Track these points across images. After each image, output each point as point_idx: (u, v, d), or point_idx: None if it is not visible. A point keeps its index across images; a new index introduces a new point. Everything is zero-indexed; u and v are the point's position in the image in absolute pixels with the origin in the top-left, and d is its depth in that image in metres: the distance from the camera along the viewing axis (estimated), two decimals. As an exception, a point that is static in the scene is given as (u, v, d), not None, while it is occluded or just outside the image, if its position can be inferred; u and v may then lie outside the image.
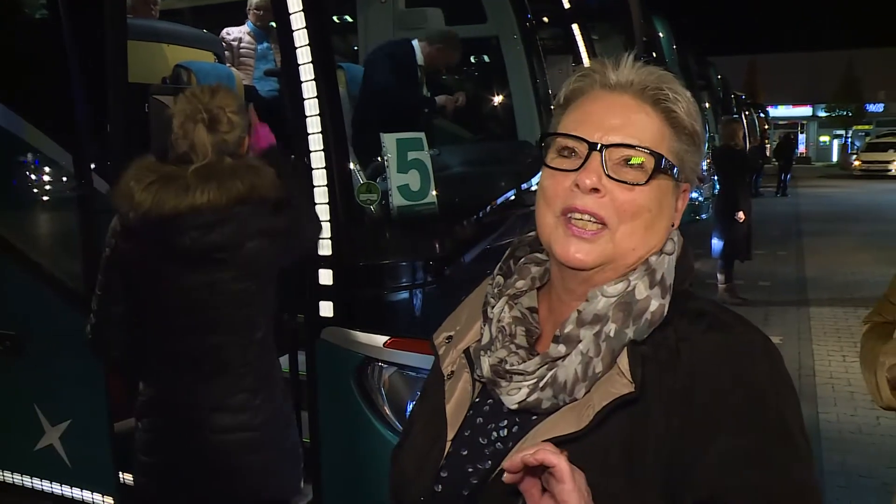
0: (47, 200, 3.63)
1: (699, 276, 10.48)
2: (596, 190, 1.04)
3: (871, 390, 1.91)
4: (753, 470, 0.93)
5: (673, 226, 1.11)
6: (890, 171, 32.97)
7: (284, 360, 3.62)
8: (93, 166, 3.29)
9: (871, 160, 34.23)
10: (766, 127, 32.61)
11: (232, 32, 5.81)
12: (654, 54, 9.13)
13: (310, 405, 3.20)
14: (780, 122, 46.37)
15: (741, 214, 8.51)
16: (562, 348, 1.04)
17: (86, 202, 3.29)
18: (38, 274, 3.57)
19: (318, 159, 3.00)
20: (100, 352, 2.60)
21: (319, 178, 3.00)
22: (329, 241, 3.03)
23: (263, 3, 5.84)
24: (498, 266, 1.22)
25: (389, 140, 3.21)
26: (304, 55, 2.97)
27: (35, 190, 3.62)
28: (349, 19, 6.59)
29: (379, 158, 3.34)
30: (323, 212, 3.01)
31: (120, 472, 3.52)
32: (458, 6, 5.99)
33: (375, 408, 2.98)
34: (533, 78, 4.87)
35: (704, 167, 12.70)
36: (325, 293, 3.07)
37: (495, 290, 1.18)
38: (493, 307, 1.16)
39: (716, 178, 9.91)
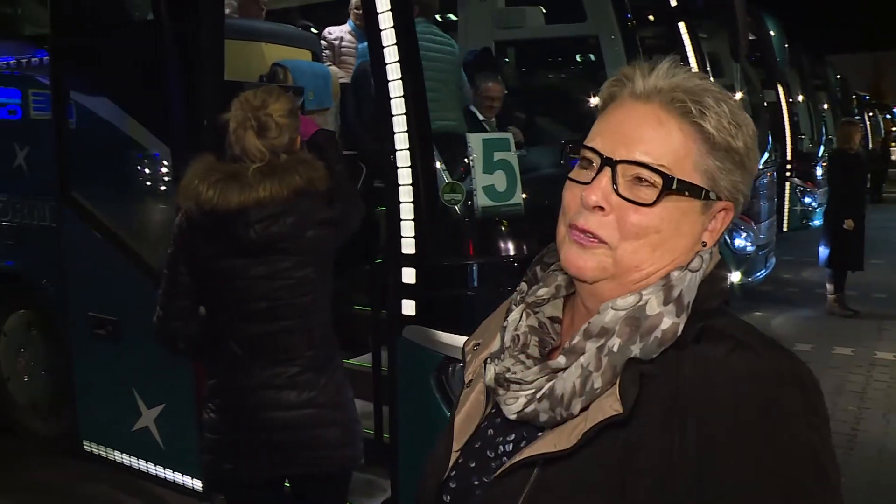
0: (147, 192, 3.80)
1: (807, 284, 10.06)
2: (601, 208, 0.99)
3: None
4: None
5: (705, 245, 1.04)
6: None
7: (367, 357, 3.69)
8: (189, 160, 3.40)
9: None
10: (893, 129, 30.89)
11: (333, 31, 5.90)
12: (760, 53, 8.81)
13: (390, 401, 3.22)
14: (909, 125, 43.83)
15: (849, 222, 8.09)
16: (562, 360, 1.00)
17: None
18: (138, 262, 3.73)
19: (403, 158, 3.01)
20: (166, 343, 2.69)
21: (405, 176, 3.01)
22: (412, 240, 3.04)
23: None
24: (525, 272, 1.18)
25: (475, 140, 3.19)
26: (390, 54, 2.98)
27: (136, 182, 3.79)
28: (453, 17, 6.60)
29: (466, 159, 3.33)
30: (407, 210, 3.03)
31: (208, 458, 3.64)
32: (558, 5, 5.93)
33: (454, 407, 2.97)
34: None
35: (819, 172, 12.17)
36: (408, 291, 3.09)
37: (517, 297, 1.14)
38: (511, 314, 1.12)
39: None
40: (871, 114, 24.42)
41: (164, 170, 3.60)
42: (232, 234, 2.45)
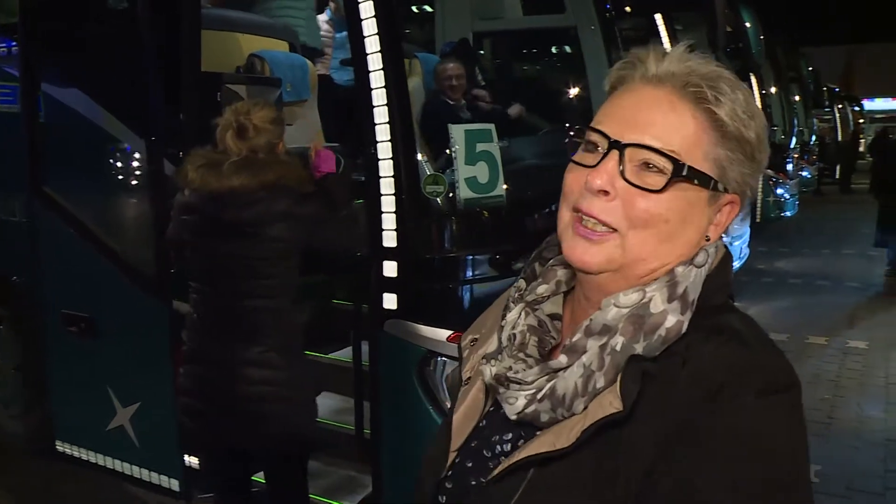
0: (122, 186, 3.71)
1: (781, 274, 10.16)
2: (606, 192, 0.95)
3: None
4: None
5: (708, 240, 1.01)
6: None
7: (347, 352, 3.64)
8: (165, 152, 3.34)
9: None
10: (861, 121, 31.28)
11: (310, 21, 5.83)
12: (741, 45, 8.84)
13: (371, 396, 3.19)
14: (878, 116, 44.39)
15: None
16: (564, 359, 0.97)
17: (158, 188, 3.35)
18: (113, 258, 3.65)
19: (384, 150, 2.97)
20: None
21: (386, 168, 2.97)
22: (394, 233, 3.00)
23: (344, -6, 5.84)
24: (523, 268, 1.14)
25: (457, 131, 3.15)
26: (372, 44, 2.93)
27: (110, 176, 3.70)
28: (428, 9, 6.56)
29: (447, 150, 3.29)
30: (388, 203, 2.99)
31: (185, 456, 3.58)
32: (537, -5, 5.91)
33: (437, 402, 2.95)
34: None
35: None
36: (390, 285, 3.04)
37: (516, 295, 1.11)
38: (510, 312, 1.08)
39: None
40: (840, 106, 24.69)
41: (138, 163, 3.52)
42: (209, 214, 2.78)
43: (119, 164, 3.63)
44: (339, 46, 5.94)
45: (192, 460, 3.60)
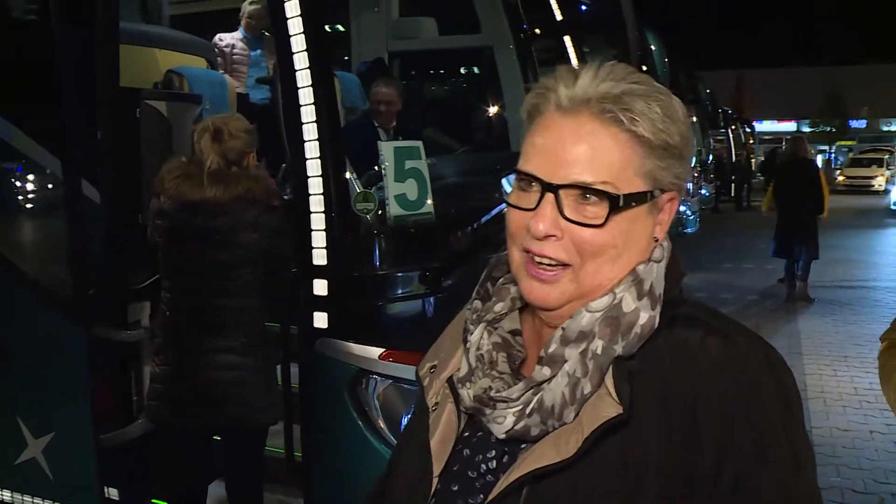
0: (35, 206, 3.55)
1: (689, 289, 10.44)
2: (552, 235, 0.97)
3: (891, 405, 1.93)
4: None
5: (657, 239, 1.04)
6: (873, 186, 33.20)
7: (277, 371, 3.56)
8: (82, 171, 3.21)
9: (854, 175, 34.47)
10: (752, 141, 32.77)
11: (225, 38, 5.74)
12: (646, 67, 9.16)
13: (302, 418, 3.13)
14: (766, 137, 46.62)
15: None
16: (546, 371, 0.98)
17: (75, 208, 3.21)
18: (23, 281, 3.48)
19: (313, 167, 2.94)
20: None
21: (315, 186, 2.94)
22: (324, 251, 2.96)
23: (255, 13, 5.78)
24: (475, 290, 1.14)
25: (387, 148, 3.15)
26: (301, 60, 2.91)
27: (23, 196, 3.54)
28: (341, 28, 6.54)
29: (376, 167, 3.28)
30: (318, 221, 2.96)
31: (105, 487, 3.43)
32: (452, 16, 5.97)
33: (370, 421, 2.91)
34: (527, 88, 4.80)
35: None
36: (320, 304, 3.00)
37: (473, 316, 1.11)
38: (471, 334, 1.09)
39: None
40: (733, 127, 25.81)
41: (53, 183, 3.37)
42: (181, 221, 3.04)
43: (33, 184, 3.48)
44: (254, 65, 5.87)
45: (111, 492, 3.45)
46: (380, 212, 3.13)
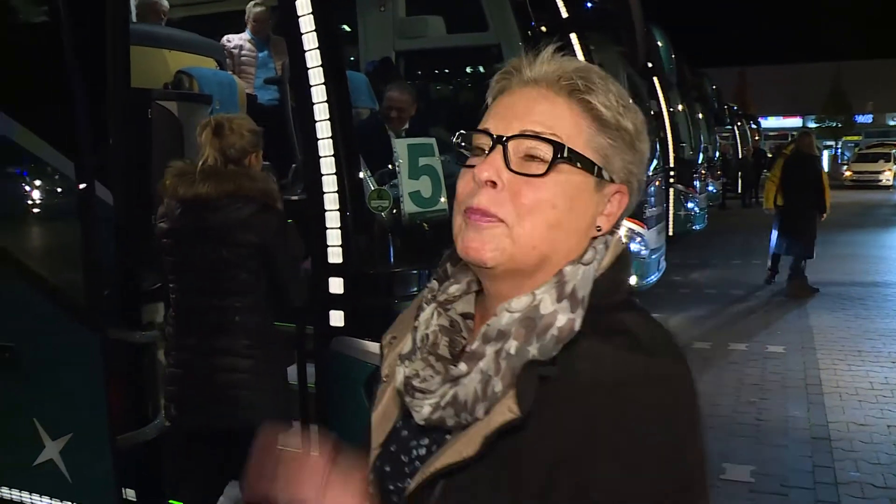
0: (48, 209, 3.54)
1: (697, 285, 10.47)
2: (493, 183, 0.97)
3: None
4: None
5: (600, 230, 1.02)
6: (880, 181, 33.14)
7: (293, 371, 3.56)
8: (94, 173, 3.20)
9: (861, 170, 34.39)
10: (757, 138, 32.71)
11: (233, 40, 5.74)
12: (651, 64, 9.15)
13: (319, 417, 3.12)
14: (771, 133, 46.53)
15: None
16: (463, 367, 0.97)
17: (87, 210, 3.21)
18: (35, 283, 3.47)
19: (327, 165, 2.93)
20: None
21: (329, 184, 2.93)
22: (339, 249, 2.95)
23: (259, 15, 5.78)
24: (435, 270, 1.14)
25: (401, 146, 3.15)
26: (313, 59, 2.90)
27: (35, 198, 3.54)
28: (348, 28, 6.53)
29: (389, 166, 3.27)
30: (333, 219, 2.95)
31: (122, 488, 3.42)
32: (460, 15, 5.96)
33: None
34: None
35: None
36: (336, 302, 3.00)
37: (429, 296, 1.10)
38: (423, 312, 1.08)
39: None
40: (739, 124, 25.76)
41: (66, 185, 3.36)
42: (182, 218, 3.01)
43: (45, 186, 3.47)
44: (262, 66, 5.86)
45: (128, 493, 3.44)
46: (394, 209, 3.12)
